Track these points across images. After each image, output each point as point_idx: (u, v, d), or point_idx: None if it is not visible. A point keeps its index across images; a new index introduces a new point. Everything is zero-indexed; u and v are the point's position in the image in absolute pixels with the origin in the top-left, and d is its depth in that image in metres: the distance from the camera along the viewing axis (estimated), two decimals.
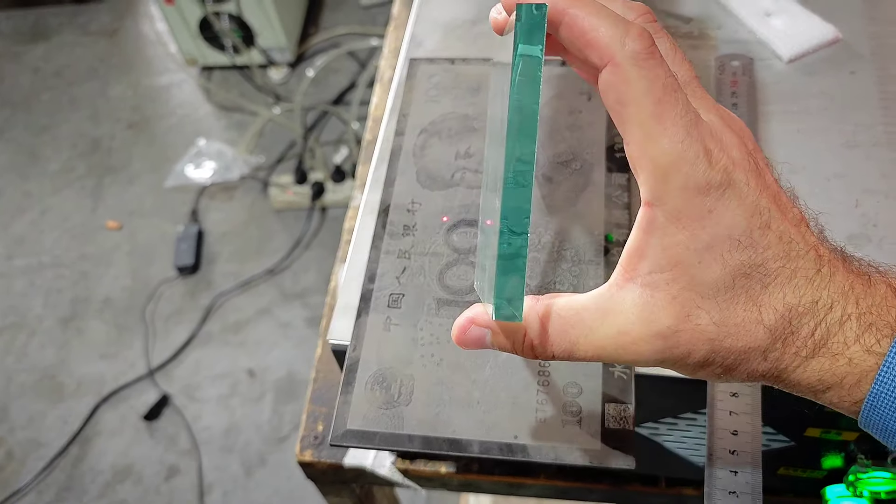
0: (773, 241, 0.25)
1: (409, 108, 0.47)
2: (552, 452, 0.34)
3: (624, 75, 0.25)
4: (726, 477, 0.33)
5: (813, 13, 0.49)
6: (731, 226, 0.25)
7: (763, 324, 0.25)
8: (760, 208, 0.25)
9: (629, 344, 0.26)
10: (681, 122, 0.24)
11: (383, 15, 2.03)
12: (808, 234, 0.26)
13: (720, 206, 0.24)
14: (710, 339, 0.25)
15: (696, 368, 0.26)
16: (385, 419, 0.35)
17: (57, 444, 1.39)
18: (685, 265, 0.25)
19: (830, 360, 0.25)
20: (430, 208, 0.42)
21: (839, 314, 0.25)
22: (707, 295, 0.25)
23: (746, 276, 0.25)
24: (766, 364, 0.25)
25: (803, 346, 0.25)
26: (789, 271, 0.25)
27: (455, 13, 0.54)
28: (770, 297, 0.25)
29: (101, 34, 2.15)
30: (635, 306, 0.26)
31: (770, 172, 0.27)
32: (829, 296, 0.25)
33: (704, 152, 0.24)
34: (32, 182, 1.82)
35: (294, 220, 1.67)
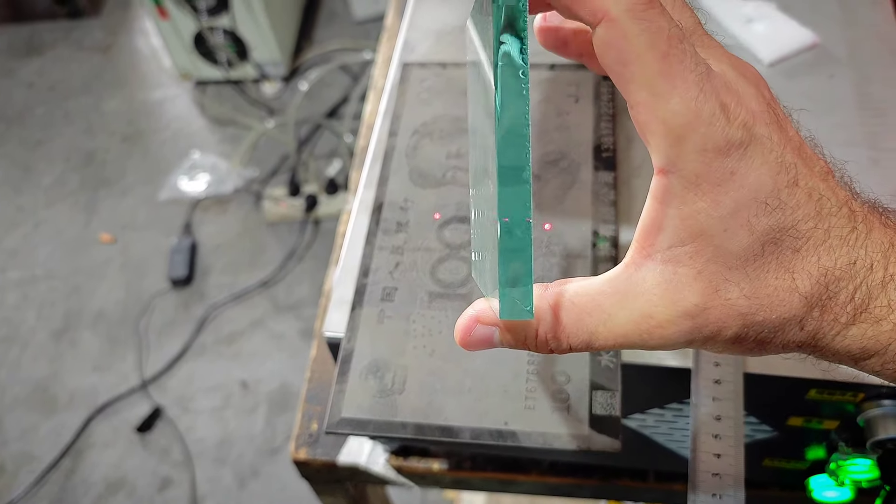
0: (803, 200, 0.23)
1: (402, 110, 0.49)
2: (541, 438, 0.35)
3: (622, 30, 0.22)
4: (710, 460, 0.34)
5: (792, 19, 0.51)
6: (756, 187, 0.22)
7: (798, 291, 0.23)
8: (786, 164, 0.23)
9: (654, 328, 0.24)
10: (692, 76, 0.22)
11: (376, 29, 2.05)
12: (837, 188, 0.24)
13: (743, 166, 0.22)
14: (741, 314, 0.23)
15: (728, 345, 0.24)
16: (379, 407, 0.36)
17: (49, 457, 1.38)
18: (708, 235, 0.23)
19: (873, 325, 0.23)
20: (422, 206, 0.43)
21: (881, 275, 0.23)
22: (735, 266, 0.23)
23: (776, 242, 0.23)
24: (803, 334, 0.24)
25: (842, 311, 0.23)
26: (822, 231, 0.23)
27: (446, 20, 0.56)
28: (803, 261, 0.23)
29: (96, 49, 2.16)
30: (657, 285, 0.24)
31: (790, 123, 0.25)
32: (868, 255, 0.23)
33: (721, 108, 0.22)
34: (26, 196, 1.83)
35: (287, 232, 1.67)
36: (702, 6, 0.54)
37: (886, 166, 0.44)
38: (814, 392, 0.37)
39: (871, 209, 0.24)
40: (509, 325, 0.25)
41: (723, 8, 0.53)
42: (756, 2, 0.53)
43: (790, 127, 0.24)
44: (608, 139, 0.45)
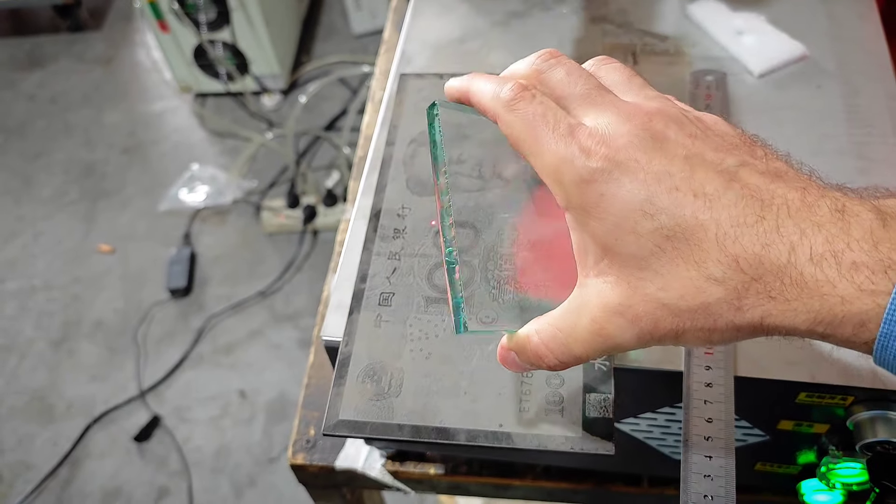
0: (687, 200, 0.26)
1: (399, 120, 0.49)
2: (535, 440, 0.35)
3: (505, 123, 0.30)
4: (701, 462, 0.35)
5: (782, 32, 0.52)
6: (628, 200, 0.27)
7: (711, 278, 0.26)
8: (660, 175, 0.27)
9: (601, 330, 0.28)
10: (554, 135, 0.28)
11: (374, 44, 2.07)
12: (746, 177, 0.27)
13: (612, 187, 0.27)
14: (664, 305, 0.27)
15: (678, 337, 0.27)
16: (376, 410, 0.37)
17: (46, 467, 1.38)
18: (610, 247, 0.27)
19: (819, 300, 0.24)
20: (419, 213, 0.44)
21: (807, 253, 0.25)
22: (642, 266, 0.27)
23: (670, 239, 0.26)
24: (745, 315, 0.26)
25: (777, 289, 0.25)
26: (716, 223, 0.26)
27: (442, 33, 0.57)
28: (705, 251, 0.26)
29: (97, 62, 2.18)
30: (595, 296, 0.28)
31: (685, 134, 0.28)
32: (786, 238, 0.25)
33: (581, 150, 0.27)
34: (25, 206, 1.84)
35: (286, 243, 1.68)
36: (694, 19, 0.55)
37: (873, 176, 0.45)
38: (803, 395, 0.38)
39: (797, 192, 0.26)
40: (514, 348, 0.32)
41: (714, 20, 0.54)
42: (746, 15, 0.54)
43: (684, 139, 0.28)
44: None
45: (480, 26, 0.57)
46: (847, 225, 0.25)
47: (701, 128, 0.29)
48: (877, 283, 0.24)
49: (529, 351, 0.31)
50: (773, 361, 0.38)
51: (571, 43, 0.55)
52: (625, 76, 0.32)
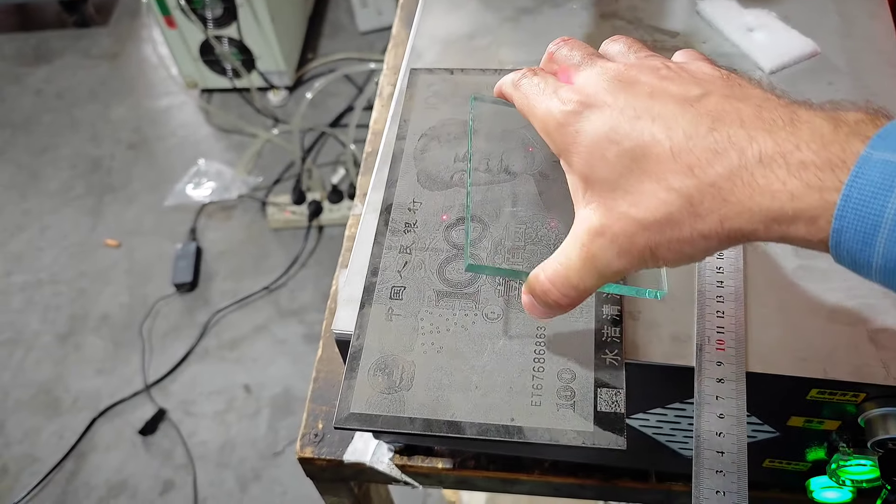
0: (646, 125, 0.29)
1: (409, 114, 0.49)
2: (547, 434, 0.35)
3: (513, 98, 0.37)
4: (713, 458, 0.35)
5: (793, 29, 0.52)
6: (596, 131, 0.31)
7: (671, 188, 0.28)
8: (625, 108, 0.30)
9: (588, 253, 0.31)
10: (543, 97, 0.34)
11: (380, 41, 2.07)
12: (707, 102, 0.29)
13: (583, 124, 0.31)
14: (635, 220, 0.29)
15: (655, 252, 0.30)
16: (387, 403, 0.37)
17: (52, 459, 1.39)
18: (587, 176, 0.31)
19: (770, 198, 0.26)
20: (429, 207, 0.44)
21: (756, 156, 0.26)
22: (614, 187, 0.30)
23: (634, 159, 0.29)
24: (705, 221, 0.28)
25: (729, 191, 0.27)
26: (670, 139, 0.29)
27: (453, 28, 0.57)
28: (664, 164, 0.29)
29: (103, 57, 2.18)
30: (582, 223, 0.32)
31: (656, 77, 0.31)
32: (736, 144, 0.27)
33: (560, 101, 0.33)
34: (32, 200, 1.84)
35: (291, 239, 1.68)
36: (704, 16, 0.55)
37: None
38: (815, 392, 0.38)
39: (750, 105, 0.28)
40: (528, 292, 0.34)
41: (725, 17, 0.54)
42: (757, 11, 0.54)
43: (652, 80, 0.31)
44: None
45: (490, 22, 0.57)
46: (797, 129, 0.26)
47: (675, 70, 0.31)
48: (824, 180, 0.25)
49: (538, 289, 0.33)
50: (785, 357, 0.38)
51: (582, 39, 0.55)
52: (625, 45, 0.36)
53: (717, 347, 0.38)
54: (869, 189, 0.24)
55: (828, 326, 0.39)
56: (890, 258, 0.24)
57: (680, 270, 0.41)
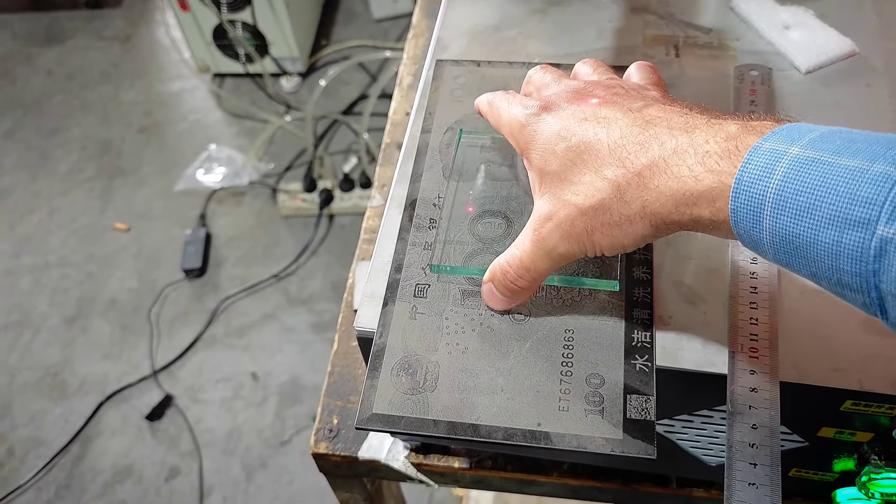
0: (591, 125, 0.34)
1: (434, 107, 0.48)
2: (575, 440, 0.34)
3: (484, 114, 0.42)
4: (746, 469, 0.34)
5: (830, 27, 0.51)
6: (550, 129, 0.35)
7: (605, 178, 0.33)
8: (576, 114, 0.35)
9: (538, 237, 0.35)
10: (509, 107, 0.39)
11: (395, 29, 2.05)
12: (647, 111, 0.33)
13: (540, 125, 0.36)
14: (575, 206, 0.33)
15: (591, 236, 0.34)
16: (410, 404, 0.36)
17: (58, 443, 1.39)
18: (542, 169, 0.36)
19: (677, 182, 0.30)
20: (455, 202, 0.43)
21: (672, 148, 0.31)
22: (562, 178, 0.34)
23: (579, 153, 0.34)
24: (630, 206, 0.32)
25: (648, 178, 0.31)
26: (609, 137, 0.33)
27: (479, 19, 0.56)
28: (602, 158, 0.33)
29: (115, 39, 2.17)
30: (535, 211, 0.36)
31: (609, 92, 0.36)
32: (659, 140, 0.31)
33: (522, 106, 0.37)
34: (41, 182, 1.84)
35: (302, 227, 1.68)
36: (738, 12, 0.53)
37: None
38: (849, 403, 0.37)
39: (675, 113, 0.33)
40: (488, 280, 0.38)
41: (759, 13, 0.52)
42: (793, 9, 0.52)
43: (597, 97, 0.36)
44: None
45: (518, 14, 0.56)
46: (711, 129, 0.31)
47: (627, 89, 0.36)
48: (722, 166, 0.29)
49: (498, 272, 0.37)
50: (819, 367, 0.37)
51: (611, 33, 0.53)
52: (592, 67, 0.41)
53: (751, 356, 0.37)
54: (755, 172, 0.28)
55: (863, 337, 0.38)
56: (775, 233, 0.27)
57: (712, 276, 0.40)
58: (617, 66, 0.49)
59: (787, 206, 0.27)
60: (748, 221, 0.28)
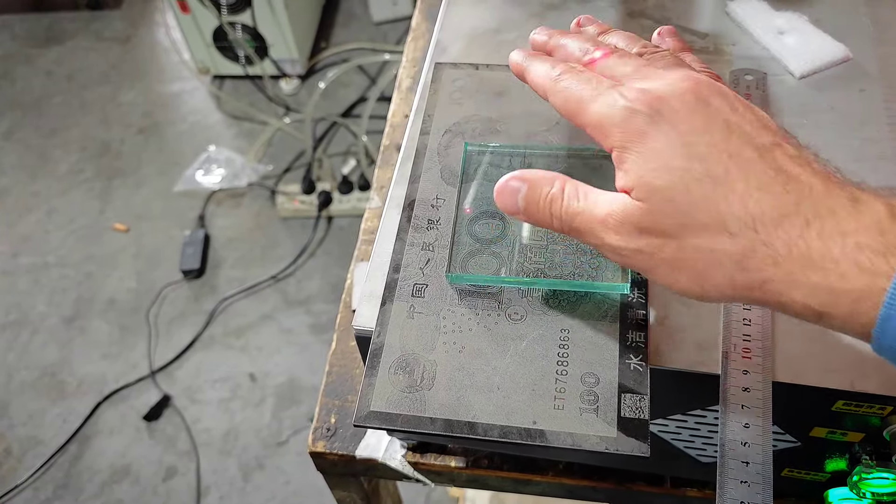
0: (722, 158, 0.29)
1: (433, 109, 0.49)
2: (569, 438, 0.35)
3: (554, 96, 0.34)
4: (738, 467, 0.35)
5: (824, 33, 0.51)
6: (667, 140, 0.29)
7: (726, 230, 0.28)
8: (700, 130, 0.29)
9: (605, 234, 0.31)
10: (597, 91, 0.32)
11: (394, 32, 2.06)
12: (778, 156, 0.29)
13: (651, 129, 0.30)
14: (675, 238, 0.29)
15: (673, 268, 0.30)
16: (408, 402, 0.36)
17: (56, 442, 1.39)
18: (642, 176, 0.30)
19: (821, 274, 0.26)
20: (453, 203, 0.43)
21: (818, 230, 0.27)
22: (667, 198, 0.29)
23: (699, 181, 0.28)
24: (749, 274, 0.28)
25: (783, 257, 0.27)
26: (745, 182, 0.28)
27: (478, 22, 0.56)
28: (729, 204, 0.28)
29: (115, 40, 2.17)
30: (621, 205, 0.31)
31: (727, 105, 0.30)
32: (802, 214, 0.27)
33: (622, 97, 0.31)
34: (40, 182, 1.84)
35: (300, 228, 1.68)
36: (734, 17, 0.54)
37: None
38: (840, 403, 0.37)
39: (818, 176, 0.28)
40: (532, 184, 0.33)
41: (755, 19, 0.53)
42: (788, 14, 0.53)
43: (719, 111, 0.30)
44: None
45: (516, 17, 0.56)
46: (859, 213, 0.27)
47: (742, 104, 0.31)
48: (876, 265, 0.25)
49: (553, 192, 0.33)
50: (812, 368, 0.37)
51: None
52: (673, 59, 0.34)
53: (744, 356, 0.37)
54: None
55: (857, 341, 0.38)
56: None
57: None
58: None
59: None
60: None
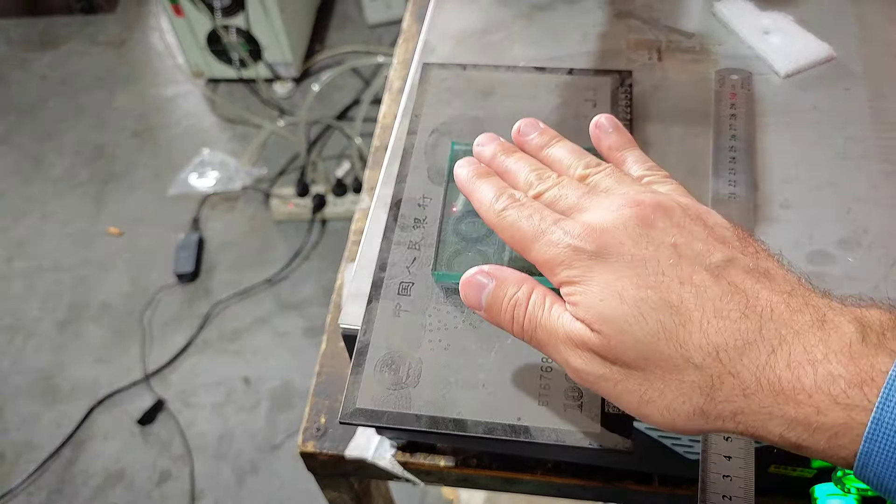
0: (673, 285, 0.27)
1: (421, 109, 0.49)
2: (554, 434, 0.35)
3: (498, 229, 0.33)
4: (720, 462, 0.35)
5: (809, 32, 0.52)
6: (615, 272, 0.28)
7: (690, 362, 0.26)
8: (647, 258, 0.28)
9: (566, 361, 0.30)
10: (541, 227, 0.31)
11: (388, 34, 2.06)
12: (733, 274, 0.28)
13: (597, 263, 0.29)
14: (637, 373, 0.28)
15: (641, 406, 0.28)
16: (393, 399, 0.36)
17: (50, 447, 1.39)
18: (594, 307, 0.28)
19: (794, 407, 0.25)
20: (440, 202, 0.44)
21: (785, 359, 0.25)
22: (624, 329, 0.28)
23: (655, 310, 0.27)
24: (717, 406, 0.26)
25: (752, 389, 0.25)
26: (701, 310, 0.27)
27: (466, 23, 0.57)
28: (689, 334, 0.27)
29: (110, 44, 2.17)
30: (577, 332, 0.30)
31: (673, 223, 0.30)
32: (766, 340, 0.26)
33: (565, 233, 0.30)
34: (35, 186, 1.84)
35: (294, 231, 1.68)
36: (720, 17, 0.54)
37: None
38: None
39: (781, 297, 0.27)
40: (499, 282, 0.32)
41: (741, 19, 0.53)
42: (773, 14, 0.53)
43: (665, 232, 0.29)
44: None
45: (504, 18, 0.57)
46: (826, 335, 0.25)
47: (691, 217, 0.30)
48: (852, 398, 0.24)
49: (522, 296, 0.31)
50: None
51: (595, 37, 0.54)
52: (615, 179, 0.34)
53: None
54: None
55: None
56: None
57: None
58: (599, 70, 0.50)
59: None
60: (886, 468, 0.24)
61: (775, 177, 0.45)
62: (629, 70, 0.50)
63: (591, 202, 0.32)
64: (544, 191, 0.34)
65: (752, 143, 0.46)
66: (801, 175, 0.45)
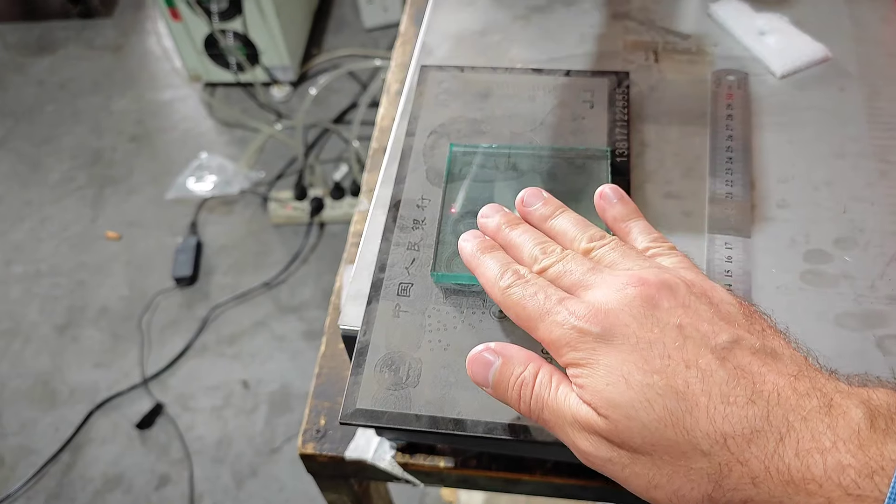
0: (679, 369, 0.27)
1: (419, 111, 0.49)
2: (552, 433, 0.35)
3: (503, 306, 0.33)
4: None
5: (804, 33, 0.52)
6: (620, 355, 0.28)
7: (698, 449, 0.26)
8: (652, 341, 0.28)
9: (573, 442, 0.30)
10: (546, 307, 0.31)
11: (385, 38, 2.07)
12: (739, 356, 0.28)
13: (602, 346, 0.29)
14: (645, 457, 0.28)
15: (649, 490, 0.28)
16: (393, 399, 0.37)
17: (48, 451, 1.38)
18: (600, 391, 0.28)
19: (805, 498, 0.25)
20: (438, 203, 0.44)
21: (794, 447, 0.25)
22: (630, 415, 0.27)
23: (661, 396, 0.27)
24: (725, 494, 0.26)
25: (762, 478, 0.25)
26: (707, 396, 0.27)
27: (464, 25, 0.57)
28: (695, 420, 0.26)
29: (107, 49, 2.18)
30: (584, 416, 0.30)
31: (678, 303, 0.29)
32: (774, 427, 0.26)
33: (570, 314, 0.30)
34: (33, 191, 1.84)
35: (292, 234, 1.68)
36: (716, 19, 0.55)
37: (895, 178, 0.45)
38: None
39: (787, 379, 0.27)
40: (506, 360, 0.32)
41: (737, 20, 0.54)
42: (769, 15, 0.54)
43: (670, 313, 0.29)
44: (622, 144, 0.45)
45: (501, 20, 0.57)
46: (834, 422, 0.25)
47: (696, 295, 0.30)
48: (863, 488, 0.24)
49: (514, 374, 0.32)
50: None
51: (592, 39, 0.55)
52: (620, 253, 0.34)
53: None
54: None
55: (835, 331, 0.39)
56: None
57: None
58: (597, 72, 0.51)
59: None
60: None
61: (772, 176, 0.45)
62: (626, 71, 0.50)
63: (596, 279, 0.32)
64: (549, 266, 0.34)
65: (749, 144, 0.47)
66: (797, 174, 0.45)
